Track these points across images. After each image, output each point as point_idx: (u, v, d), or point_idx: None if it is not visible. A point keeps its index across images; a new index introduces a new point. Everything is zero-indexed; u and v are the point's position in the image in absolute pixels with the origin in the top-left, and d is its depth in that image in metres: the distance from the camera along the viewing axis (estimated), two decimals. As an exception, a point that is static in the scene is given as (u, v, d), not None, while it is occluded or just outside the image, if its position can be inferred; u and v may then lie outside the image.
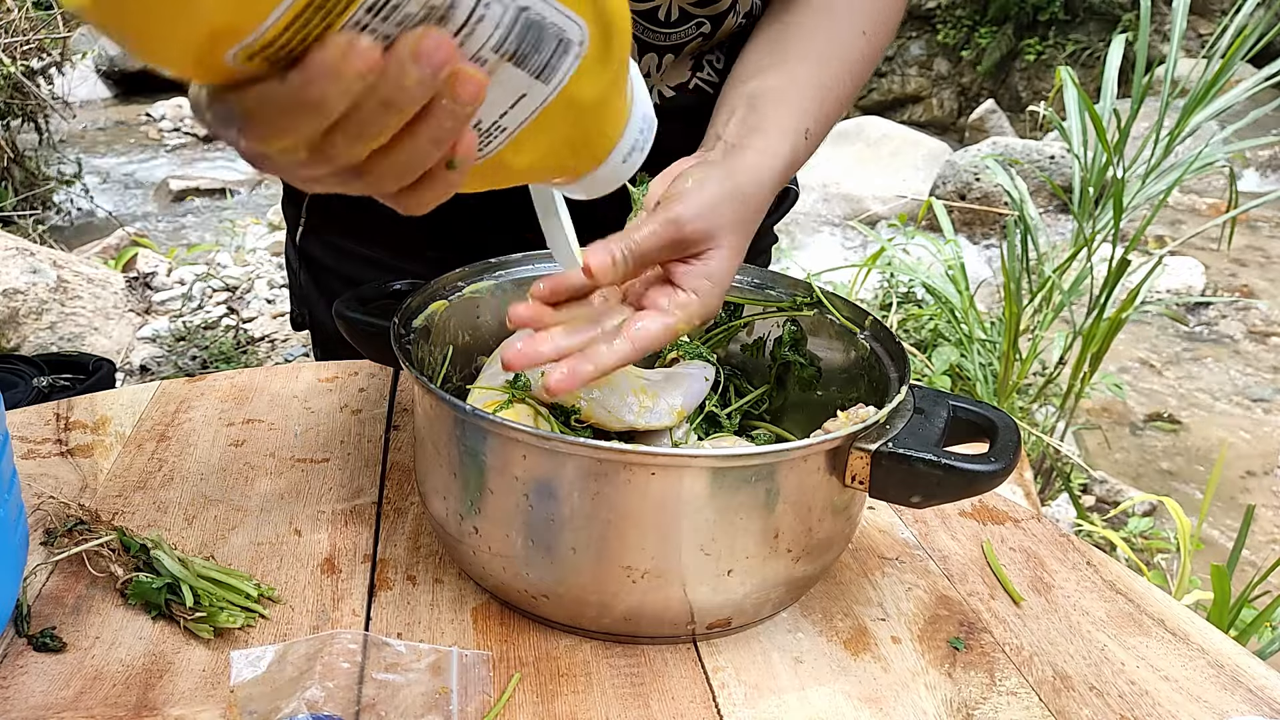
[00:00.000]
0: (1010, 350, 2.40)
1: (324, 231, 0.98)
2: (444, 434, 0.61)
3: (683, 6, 0.77)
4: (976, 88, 7.66)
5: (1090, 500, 2.72)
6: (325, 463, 0.78)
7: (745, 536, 0.58)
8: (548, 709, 0.57)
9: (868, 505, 0.77)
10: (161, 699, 0.56)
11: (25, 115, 4.17)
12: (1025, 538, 0.76)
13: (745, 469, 0.56)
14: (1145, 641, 0.66)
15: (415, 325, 0.69)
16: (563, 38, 0.40)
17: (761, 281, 0.78)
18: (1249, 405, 3.46)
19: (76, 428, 0.82)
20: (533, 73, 0.40)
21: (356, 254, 0.95)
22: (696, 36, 0.80)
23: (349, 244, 0.96)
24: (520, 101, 0.41)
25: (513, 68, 0.39)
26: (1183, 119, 2.32)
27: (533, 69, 0.40)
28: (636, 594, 0.58)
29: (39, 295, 2.98)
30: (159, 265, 3.71)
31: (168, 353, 3.15)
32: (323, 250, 0.99)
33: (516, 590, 0.61)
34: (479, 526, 0.60)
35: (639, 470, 0.55)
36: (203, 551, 0.67)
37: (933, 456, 0.57)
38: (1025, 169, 4.39)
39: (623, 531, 0.57)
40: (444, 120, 0.37)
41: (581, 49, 0.41)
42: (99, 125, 6.58)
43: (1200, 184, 5.38)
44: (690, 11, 0.78)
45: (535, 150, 0.44)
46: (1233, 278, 4.50)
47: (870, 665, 0.62)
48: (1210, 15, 6.82)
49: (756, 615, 0.63)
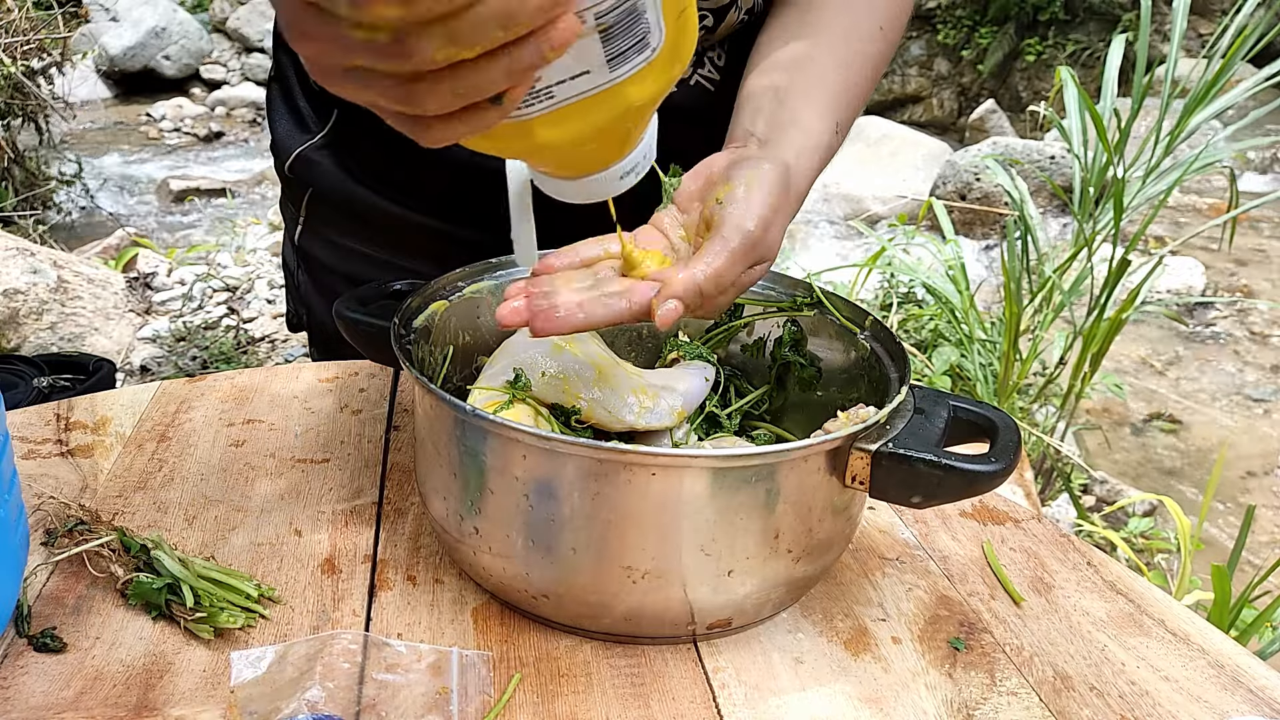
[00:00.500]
0: (1010, 350, 2.40)
1: (323, 230, 0.97)
2: (444, 434, 0.61)
3: None
4: (977, 88, 7.66)
5: (1090, 500, 2.72)
6: (325, 463, 0.78)
7: (745, 537, 0.58)
8: (548, 709, 0.57)
9: (868, 505, 0.77)
10: (162, 699, 0.56)
11: (26, 115, 4.17)
12: (1026, 538, 0.76)
13: (745, 469, 0.56)
14: (1145, 642, 0.66)
15: (415, 325, 0.69)
16: (645, 36, 0.43)
17: (762, 281, 0.78)
18: (1249, 405, 3.46)
19: (77, 428, 0.82)
20: (607, 55, 0.42)
21: (356, 252, 0.95)
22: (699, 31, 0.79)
23: (349, 242, 0.95)
24: (580, 77, 0.43)
25: (596, 42, 0.42)
26: (1183, 119, 2.32)
27: (610, 52, 0.42)
28: (637, 594, 0.58)
29: (39, 295, 2.98)
30: (159, 265, 3.71)
31: (168, 353, 3.15)
32: (321, 249, 0.98)
33: (517, 591, 0.61)
34: (479, 527, 0.60)
35: (639, 470, 0.55)
36: (203, 552, 0.67)
37: (933, 457, 0.57)
38: (1025, 169, 4.39)
39: (623, 532, 0.57)
40: (526, 55, 0.38)
41: (653, 54, 0.44)
42: (99, 125, 6.58)
43: (1200, 184, 5.38)
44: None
45: (566, 130, 0.46)
46: (1233, 278, 4.50)
47: (871, 665, 0.62)
48: (1210, 15, 6.82)
49: (757, 616, 0.63)
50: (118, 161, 5.83)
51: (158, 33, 7.25)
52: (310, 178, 0.93)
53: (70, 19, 4.81)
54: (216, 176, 5.40)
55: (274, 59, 0.96)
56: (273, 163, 0.98)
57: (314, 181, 0.93)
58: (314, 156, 0.90)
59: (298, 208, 0.98)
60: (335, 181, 0.91)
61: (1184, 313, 4.10)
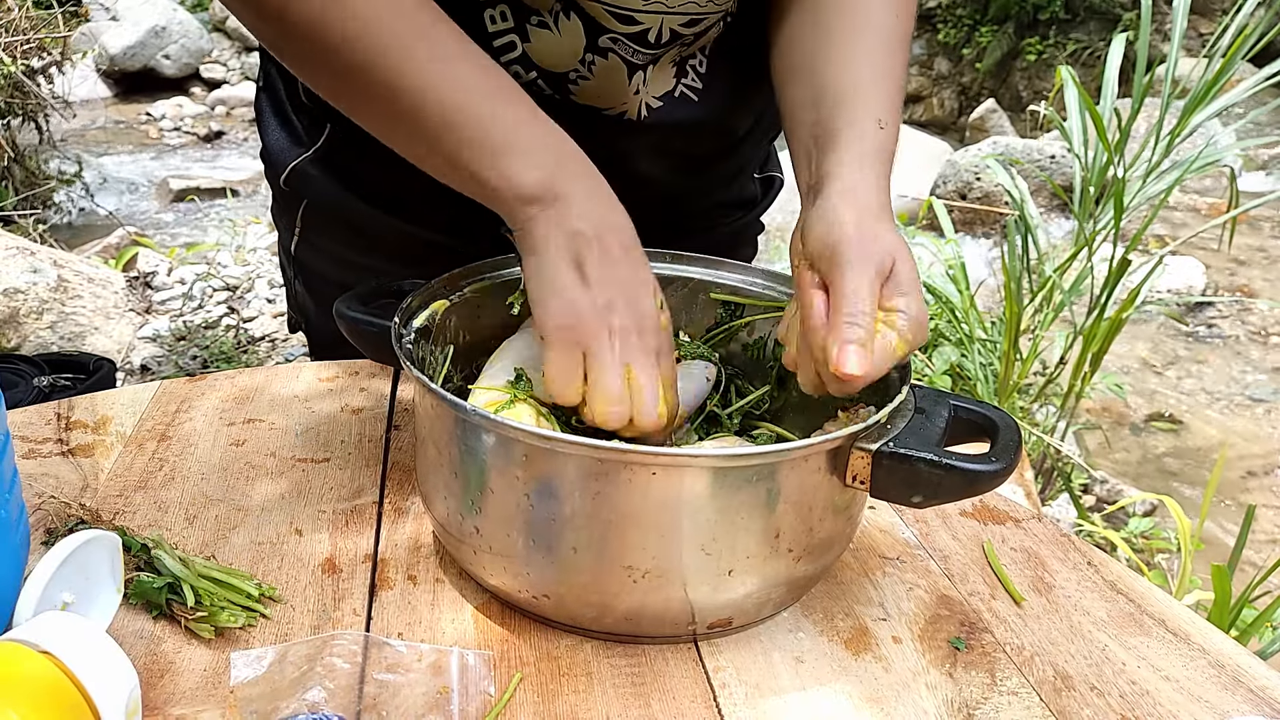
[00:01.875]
0: (1011, 350, 2.40)
1: (319, 241, 0.95)
2: (445, 434, 0.61)
3: (673, 28, 0.77)
4: (977, 87, 7.66)
5: (1091, 500, 2.72)
6: (326, 462, 0.78)
7: (746, 536, 0.58)
8: (549, 709, 0.57)
9: (868, 505, 0.77)
10: (163, 699, 0.56)
11: (25, 114, 4.17)
12: (1026, 538, 0.76)
13: (746, 469, 0.56)
14: (1146, 641, 0.66)
15: (416, 325, 0.69)
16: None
17: (762, 281, 0.78)
18: (1250, 405, 3.46)
19: (77, 427, 0.82)
20: None
21: (353, 263, 0.92)
22: (675, 45, 0.79)
23: (345, 253, 0.94)
24: None
25: None
26: (1183, 118, 2.32)
27: None
28: (638, 594, 0.58)
29: (39, 295, 2.98)
30: (159, 265, 3.71)
31: (168, 352, 3.15)
32: (318, 259, 0.97)
33: (518, 590, 0.61)
34: (480, 526, 0.60)
35: (640, 470, 0.55)
36: (204, 551, 0.68)
37: (934, 456, 0.57)
38: (1026, 168, 4.39)
39: (624, 531, 0.57)
40: None
41: None
42: (99, 124, 6.58)
43: (1201, 184, 5.38)
44: (679, 32, 0.77)
45: None
46: (1233, 277, 4.50)
47: (871, 665, 0.62)
48: (1211, 15, 6.81)
49: (758, 615, 0.63)
50: (118, 161, 5.82)
51: (158, 32, 7.25)
52: (306, 190, 0.91)
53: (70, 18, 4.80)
54: (216, 176, 5.40)
55: (262, 69, 0.94)
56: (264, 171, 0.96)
57: (310, 194, 0.92)
58: (309, 169, 0.89)
59: (293, 219, 0.96)
60: (331, 194, 0.89)
61: (1184, 312, 4.10)
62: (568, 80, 0.78)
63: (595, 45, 0.76)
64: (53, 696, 0.46)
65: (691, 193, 0.93)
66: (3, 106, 4.01)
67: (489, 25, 0.76)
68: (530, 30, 0.76)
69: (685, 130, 0.85)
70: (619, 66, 0.78)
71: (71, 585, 0.57)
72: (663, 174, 0.88)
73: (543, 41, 0.76)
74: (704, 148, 0.90)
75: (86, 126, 6.31)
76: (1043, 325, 2.46)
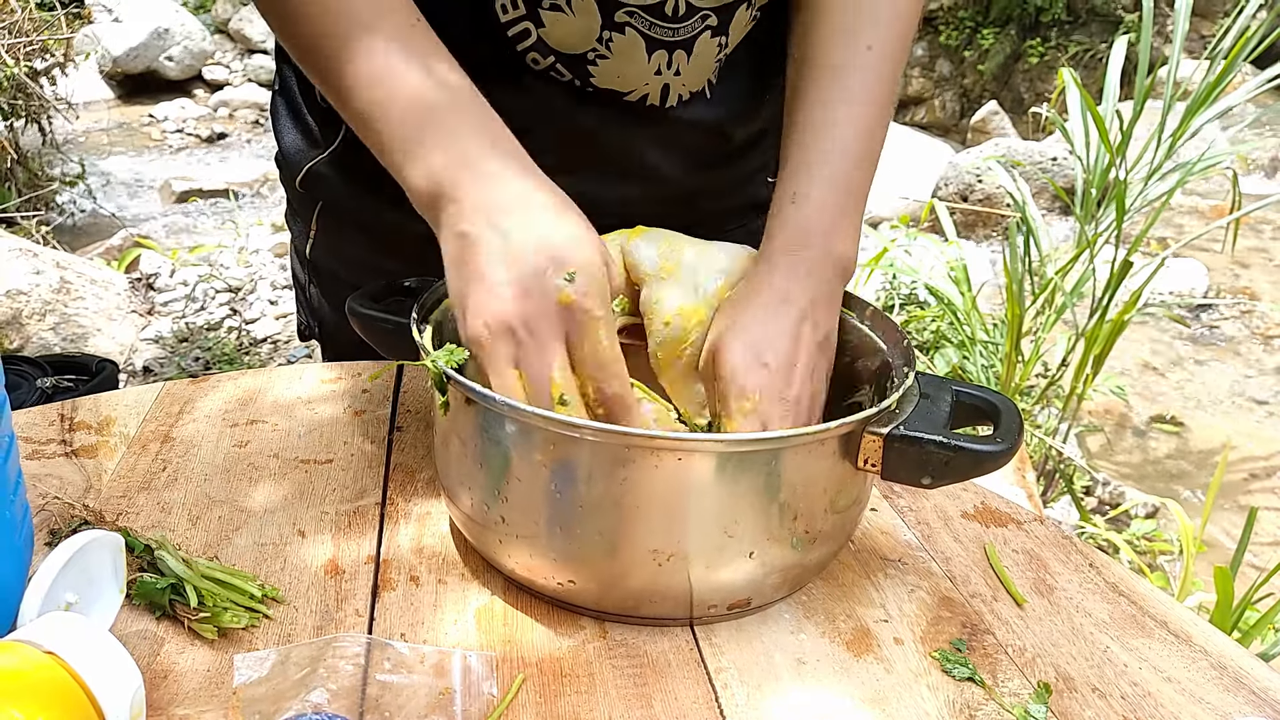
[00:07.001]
0: (1013, 352, 2.40)
1: (335, 243, 0.95)
2: (469, 425, 0.61)
3: (690, 1, 0.77)
4: (979, 89, 7.66)
5: (1093, 502, 2.71)
6: (329, 464, 0.79)
7: (767, 518, 0.59)
8: (551, 710, 0.57)
9: (870, 507, 0.77)
10: (165, 699, 0.56)
11: (29, 116, 4.18)
12: (1028, 540, 0.76)
13: (767, 453, 0.58)
14: (1148, 643, 0.66)
15: (432, 319, 0.69)
16: None
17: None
18: (1252, 407, 3.46)
19: (81, 428, 0.82)
20: None
21: (369, 265, 0.91)
22: (704, 30, 0.79)
23: (361, 255, 0.93)
24: None
25: None
26: (1185, 120, 2.32)
27: None
28: (662, 577, 0.60)
29: (42, 296, 2.99)
30: (162, 266, 3.72)
31: (171, 354, 3.16)
32: (334, 262, 0.97)
33: (542, 577, 0.62)
34: (505, 515, 0.61)
35: (665, 455, 0.56)
36: (207, 552, 0.68)
37: (943, 439, 0.60)
38: (1027, 171, 4.39)
39: (648, 515, 0.58)
40: None
41: None
42: (102, 126, 6.59)
43: (1203, 186, 5.38)
44: (696, 5, 0.77)
45: None
46: (1235, 279, 4.50)
47: (873, 666, 0.62)
48: (1212, 17, 6.81)
49: (775, 595, 0.65)
50: (120, 162, 5.83)
51: (160, 34, 7.26)
52: (321, 192, 0.91)
53: (73, 20, 4.81)
54: (219, 177, 5.40)
55: (278, 71, 0.94)
56: (279, 173, 0.96)
57: (325, 196, 0.92)
58: (325, 171, 0.89)
59: (308, 222, 0.96)
60: (347, 196, 0.89)
61: (1186, 314, 4.09)
62: (586, 61, 0.78)
63: (611, 21, 0.76)
64: (57, 697, 0.47)
65: (708, 192, 0.93)
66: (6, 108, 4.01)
67: (501, 15, 0.76)
68: (543, 14, 0.75)
69: (703, 126, 0.85)
70: (637, 42, 0.77)
71: (75, 586, 0.57)
72: (679, 171, 0.88)
73: (557, 24, 0.76)
74: (721, 145, 0.90)
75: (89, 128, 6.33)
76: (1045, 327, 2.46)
